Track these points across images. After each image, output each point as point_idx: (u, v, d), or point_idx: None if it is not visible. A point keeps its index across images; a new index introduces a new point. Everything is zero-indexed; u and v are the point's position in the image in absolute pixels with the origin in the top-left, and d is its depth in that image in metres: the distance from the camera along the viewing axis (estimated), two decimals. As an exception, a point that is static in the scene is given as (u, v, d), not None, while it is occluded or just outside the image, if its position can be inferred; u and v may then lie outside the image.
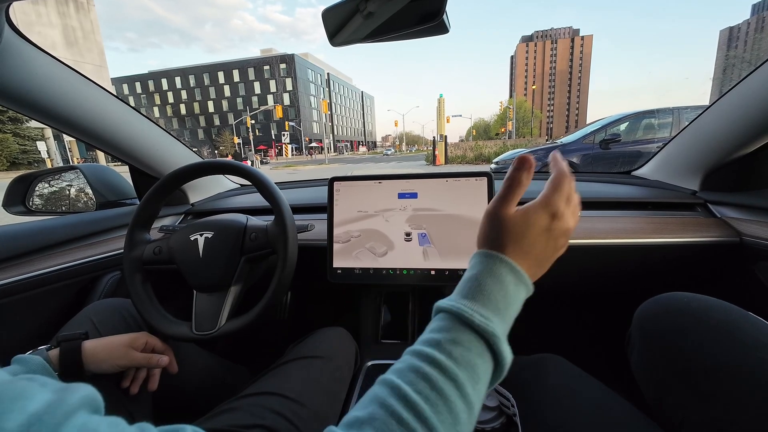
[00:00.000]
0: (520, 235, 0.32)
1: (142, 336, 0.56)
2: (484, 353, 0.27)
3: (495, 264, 0.31)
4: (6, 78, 0.57)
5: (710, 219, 0.77)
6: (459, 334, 0.27)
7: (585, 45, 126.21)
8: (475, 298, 0.29)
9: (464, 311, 0.27)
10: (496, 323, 0.28)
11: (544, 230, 0.32)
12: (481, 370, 0.26)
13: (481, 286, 0.29)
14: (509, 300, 0.30)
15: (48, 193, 1.00)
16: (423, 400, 0.23)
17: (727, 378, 0.37)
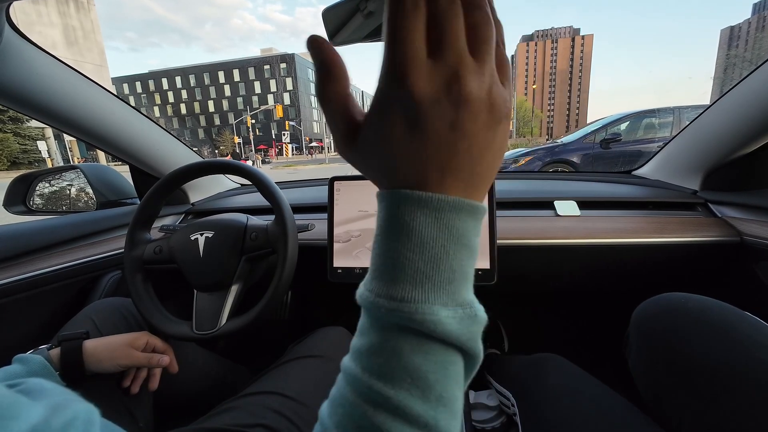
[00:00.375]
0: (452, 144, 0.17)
1: (142, 335, 0.56)
2: (421, 344, 0.17)
3: (398, 207, 0.18)
4: (6, 78, 0.57)
5: (711, 218, 0.77)
6: (376, 335, 0.18)
7: (585, 44, 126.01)
8: (381, 274, 0.18)
9: (369, 299, 0.18)
10: (433, 299, 0.17)
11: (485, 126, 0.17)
12: (428, 371, 0.17)
13: (384, 254, 0.18)
14: (436, 252, 0.17)
15: (48, 193, 1.00)
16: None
17: (723, 377, 0.37)
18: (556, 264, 0.84)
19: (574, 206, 0.83)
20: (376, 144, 0.18)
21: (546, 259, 0.82)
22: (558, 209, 0.83)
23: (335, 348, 0.68)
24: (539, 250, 0.77)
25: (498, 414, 0.76)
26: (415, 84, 0.16)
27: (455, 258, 0.18)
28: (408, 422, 0.16)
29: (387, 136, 0.17)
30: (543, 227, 0.78)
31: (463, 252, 0.18)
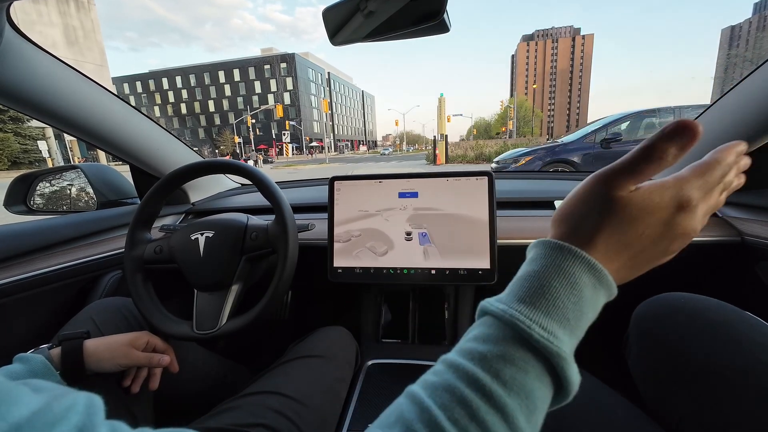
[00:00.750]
0: (626, 223, 0.23)
1: (143, 335, 0.56)
2: (543, 376, 0.21)
3: (567, 260, 0.22)
4: (7, 77, 0.57)
5: (711, 218, 0.77)
6: (511, 349, 0.21)
7: (586, 44, 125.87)
8: (536, 303, 0.21)
9: (519, 321, 0.21)
10: (563, 339, 0.21)
11: (663, 222, 0.23)
12: (538, 398, 0.20)
13: (544, 288, 0.22)
14: (583, 308, 0.22)
15: (49, 193, 1.00)
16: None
17: (723, 378, 0.37)
18: None
19: None
20: (625, 212, 0.23)
21: None
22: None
23: (335, 348, 0.68)
24: None
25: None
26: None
27: (587, 321, 0.23)
28: (511, 430, 0.19)
29: (637, 219, 0.24)
30: (543, 227, 0.78)
31: (589, 319, 0.23)
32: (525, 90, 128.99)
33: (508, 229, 0.77)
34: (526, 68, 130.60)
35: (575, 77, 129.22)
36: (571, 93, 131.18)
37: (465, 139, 77.46)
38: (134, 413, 0.56)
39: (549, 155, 4.99)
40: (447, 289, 0.85)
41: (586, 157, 4.71)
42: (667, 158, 0.23)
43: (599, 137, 4.66)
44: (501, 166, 5.42)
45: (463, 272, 0.69)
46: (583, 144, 4.80)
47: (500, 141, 20.39)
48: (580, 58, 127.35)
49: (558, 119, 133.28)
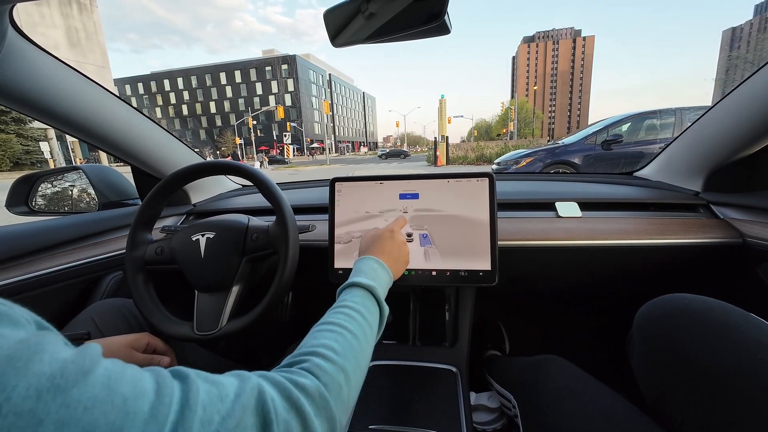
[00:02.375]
0: (378, 244, 0.57)
1: (143, 337, 0.56)
2: (372, 299, 0.47)
3: (371, 261, 0.53)
4: (9, 79, 0.57)
5: (713, 220, 0.76)
6: (356, 292, 0.46)
7: (587, 46, 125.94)
8: (368, 277, 0.50)
9: (359, 282, 0.48)
10: (375, 286, 0.48)
11: (389, 239, 0.58)
12: (372, 307, 0.46)
13: (365, 272, 0.51)
14: (380, 275, 0.51)
15: (51, 194, 1.00)
16: (345, 319, 0.41)
17: (726, 379, 0.37)
18: (557, 265, 0.83)
19: (576, 207, 0.83)
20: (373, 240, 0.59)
21: (547, 261, 0.82)
22: (559, 210, 0.82)
23: None
24: (540, 252, 0.77)
25: (499, 416, 0.76)
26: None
27: (383, 280, 0.53)
28: (365, 320, 0.44)
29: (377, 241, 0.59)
30: (544, 228, 0.78)
31: (384, 278, 0.53)
32: (526, 91, 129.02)
33: (509, 231, 0.77)
34: (526, 70, 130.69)
35: (576, 79, 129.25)
36: (572, 94, 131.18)
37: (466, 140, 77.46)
38: None
39: (550, 157, 4.97)
40: (448, 291, 0.85)
41: (586, 159, 4.69)
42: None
43: (600, 139, 4.63)
44: (502, 167, 5.41)
45: (464, 273, 0.69)
46: (583, 145, 4.78)
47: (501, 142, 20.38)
48: (581, 60, 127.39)
49: (559, 121, 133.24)
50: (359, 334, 0.39)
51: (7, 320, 0.20)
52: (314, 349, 0.34)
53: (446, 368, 0.74)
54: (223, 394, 0.24)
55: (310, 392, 0.29)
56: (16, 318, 0.21)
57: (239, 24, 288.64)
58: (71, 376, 0.18)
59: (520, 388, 0.64)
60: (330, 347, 0.35)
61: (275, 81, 55.14)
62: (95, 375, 0.19)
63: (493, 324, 1.11)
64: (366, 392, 0.68)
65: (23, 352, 0.18)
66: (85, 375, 0.19)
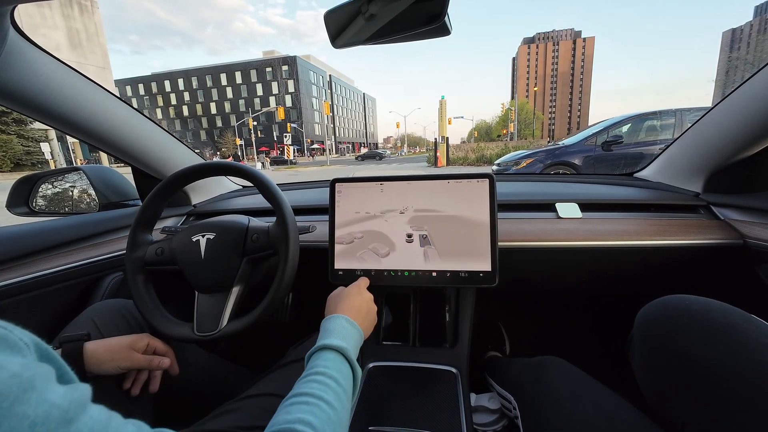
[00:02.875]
0: (346, 302, 0.56)
1: (143, 337, 0.56)
2: (344, 362, 0.45)
3: (340, 319, 0.52)
4: (10, 80, 0.57)
5: (713, 221, 0.76)
6: (328, 356, 0.45)
7: (587, 47, 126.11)
8: (339, 337, 0.48)
9: (330, 345, 0.46)
10: (346, 347, 0.46)
11: (357, 295, 0.58)
12: (345, 370, 0.44)
13: (335, 332, 0.50)
14: (351, 334, 0.50)
15: (51, 194, 1.01)
16: (320, 389, 0.38)
17: (727, 380, 0.37)
18: (557, 266, 0.83)
19: (576, 208, 0.83)
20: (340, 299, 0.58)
21: (547, 262, 0.81)
22: (559, 211, 0.82)
23: None
24: (540, 253, 0.77)
25: (499, 417, 0.75)
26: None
27: (354, 338, 0.51)
28: (340, 386, 0.42)
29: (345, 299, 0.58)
30: (544, 229, 0.78)
31: (354, 337, 0.52)
32: (526, 92, 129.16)
33: (509, 232, 0.77)
34: (527, 71, 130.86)
35: (576, 80, 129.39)
36: (572, 95, 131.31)
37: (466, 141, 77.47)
38: (134, 415, 0.56)
39: (550, 158, 4.97)
40: (448, 292, 0.84)
41: (587, 160, 4.69)
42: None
43: (600, 140, 4.63)
44: (502, 168, 5.41)
45: (464, 274, 0.69)
46: (584, 146, 4.78)
47: (501, 143, 20.39)
48: (581, 61, 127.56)
49: (559, 121, 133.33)
50: (336, 403, 0.37)
51: (4, 345, 0.20)
52: (291, 427, 0.32)
53: (446, 369, 0.74)
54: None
55: None
56: (14, 342, 0.21)
57: (240, 25, 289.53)
58: (53, 424, 0.18)
59: (521, 389, 0.64)
60: (307, 422, 0.33)
61: (276, 82, 55.23)
62: (78, 425, 0.19)
63: (494, 325, 1.11)
64: (366, 393, 0.68)
65: (12, 389, 0.18)
66: (68, 424, 0.19)
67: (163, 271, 0.65)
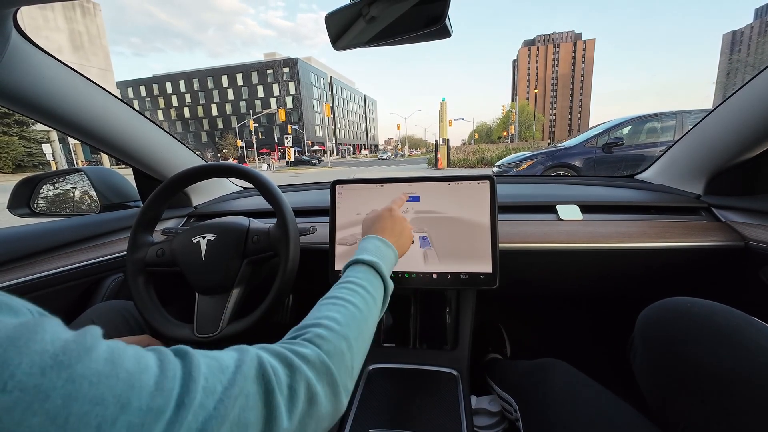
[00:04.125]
0: (379, 224, 0.57)
1: (144, 339, 0.56)
2: (376, 275, 0.47)
3: (376, 240, 0.53)
4: (13, 82, 0.57)
5: (714, 223, 0.76)
6: (360, 268, 0.47)
7: (587, 49, 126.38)
8: (373, 255, 0.49)
9: (362, 259, 0.47)
10: (380, 263, 0.47)
11: (389, 218, 0.58)
12: (375, 282, 0.46)
13: (368, 249, 0.50)
14: (385, 253, 0.51)
15: (52, 196, 1.01)
16: (348, 293, 0.41)
17: (729, 384, 0.36)
18: (558, 268, 0.83)
19: (577, 210, 0.83)
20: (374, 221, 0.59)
21: (548, 264, 0.81)
22: (560, 213, 0.82)
23: None
24: (541, 254, 0.77)
25: (500, 420, 0.75)
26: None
27: (389, 258, 0.52)
28: (368, 292, 0.43)
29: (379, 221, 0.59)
30: (545, 231, 0.78)
31: (390, 256, 0.52)
32: (526, 94, 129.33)
33: (509, 233, 0.77)
34: (527, 73, 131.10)
35: (577, 82, 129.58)
36: (573, 97, 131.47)
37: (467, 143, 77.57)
38: None
39: (550, 159, 4.98)
40: (448, 293, 0.84)
41: (587, 162, 4.69)
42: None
43: (601, 141, 4.63)
44: (503, 170, 5.42)
45: (465, 276, 0.69)
46: (584, 148, 4.78)
47: (502, 145, 20.40)
48: (582, 63, 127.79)
49: (560, 123, 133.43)
50: (362, 306, 0.40)
51: (6, 309, 0.21)
52: (316, 321, 0.35)
53: (447, 371, 0.74)
54: (224, 366, 0.25)
55: (311, 360, 0.30)
56: (16, 307, 0.22)
57: (240, 28, 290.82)
58: (74, 352, 0.18)
59: (522, 391, 0.64)
60: (332, 318, 0.36)
61: (277, 84, 55.38)
62: (98, 351, 0.20)
63: (494, 327, 1.10)
64: (366, 395, 0.67)
65: (23, 332, 0.18)
66: (88, 351, 0.19)
67: (163, 272, 0.65)
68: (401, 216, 0.60)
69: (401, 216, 0.60)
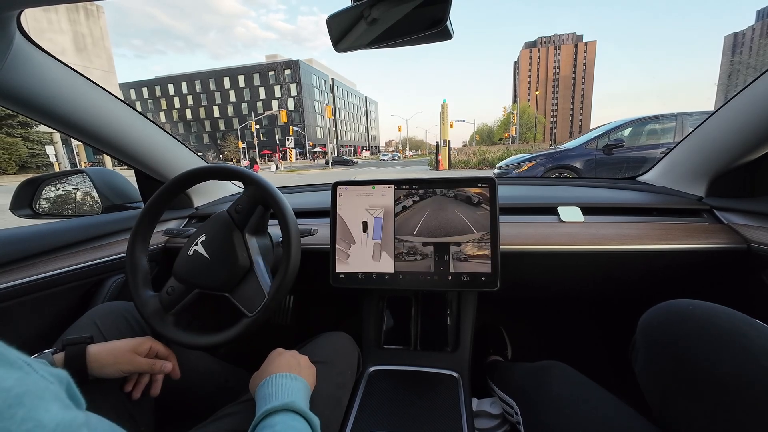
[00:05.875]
0: (272, 365, 0.52)
1: (146, 341, 0.56)
2: (295, 417, 0.41)
3: (274, 378, 0.48)
4: (17, 83, 0.58)
5: (717, 225, 0.76)
6: (274, 421, 0.40)
7: (588, 51, 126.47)
8: (278, 399, 0.44)
9: (270, 408, 0.42)
10: (290, 399, 0.43)
11: (277, 356, 0.55)
12: (301, 427, 0.40)
13: (272, 394, 0.45)
14: (290, 387, 0.47)
15: (55, 197, 1.01)
16: None
17: (732, 387, 0.36)
18: (559, 270, 0.83)
19: (578, 212, 0.82)
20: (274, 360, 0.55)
21: (549, 265, 0.81)
22: (561, 215, 0.82)
23: (337, 353, 0.67)
24: (542, 256, 0.77)
25: (501, 422, 0.75)
26: None
27: (300, 393, 0.47)
28: None
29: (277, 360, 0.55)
30: (546, 233, 0.78)
31: (301, 391, 0.48)
32: (528, 96, 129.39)
33: (511, 235, 0.77)
34: (528, 75, 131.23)
35: (578, 83, 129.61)
36: (574, 99, 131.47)
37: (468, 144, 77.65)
38: (135, 418, 0.56)
39: (551, 161, 4.99)
40: (449, 295, 0.84)
41: (588, 163, 4.71)
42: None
43: (601, 143, 4.65)
44: (503, 171, 5.44)
45: (466, 278, 0.69)
46: (584, 150, 4.80)
47: (503, 147, 20.40)
48: (583, 65, 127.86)
49: (561, 125, 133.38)
50: None
51: (3, 361, 0.20)
52: None
53: (448, 373, 0.73)
54: None
55: None
56: (12, 359, 0.21)
57: (242, 30, 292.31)
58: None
59: (523, 394, 0.63)
60: None
61: (278, 85, 55.57)
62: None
63: (495, 329, 1.10)
64: (366, 397, 0.67)
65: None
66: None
67: (187, 304, 0.62)
68: (292, 351, 0.58)
69: (292, 351, 0.58)
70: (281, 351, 0.57)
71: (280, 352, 0.56)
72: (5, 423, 0.17)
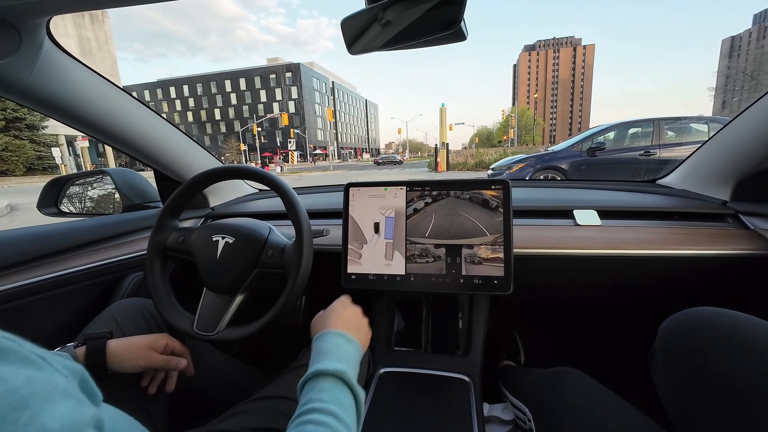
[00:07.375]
0: (334, 317, 0.52)
1: (162, 338, 0.57)
2: (343, 387, 0.40)
3: (331, 335, 0.47)
4: (45, 87, 0.59)
5: (742, 230, 0.73)
6: (323, 385, 0.40)
7: (587, 54, 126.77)
8: (331, 358, 0.43)
9: (324, 370, 0.41)
10: (343, 367, 0.41)
11: (342, 309, 0.55)
12: (346, 401, 0.39)
13: (328, 352, 0.45)
14: (348, 352, 0.46)
15: (78, 196, 1.03)
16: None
17: (757, 400, 0.35)
18: (574, 275, 0.81)
19: (595, 215, 0.80)
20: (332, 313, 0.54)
21: (564, 270, 0.80)
22: (577, 218, 0.80)
23: None
24: (557, 260, 0.75)
25: (513, 428, 0.72)
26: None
27: (353, 356, 0.47)
28: (338, 420, 0.36)
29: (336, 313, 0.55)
30: (561, 236, 0.76)
31: (353, 354, 0.47)
32: (527, 99, 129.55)
33: (524, 238, 0.76)
34: (528, 77, 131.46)
35: (577, 86, 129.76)
36: (573, 102, 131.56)
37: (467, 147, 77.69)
38: (150, 413, 0.56)
39: (540, 162, 5.19)
40: (461, 298, 0.83)
41: (573, 164, 4.90)
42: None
43: (585, 146, 4.86)
44: (497, 172, 5.64)
45: (478, 281, 0.68)
46: (570, 152, 4.99)
47: (501, 149, 20.41)
48: (582, 68, 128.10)
49: (560, 128, 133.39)
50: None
51: (15, 357, 0.20)
52: None
53: (459, 377, 0.72)
54: None
55: None
56: (23, 354, 0.20)
57: (242, 33, 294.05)
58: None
59: (536, 400, 0.62)
60: None
61: (279, 88, 55.70)
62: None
63: (508, 333, 1.08)
64: (376, 399, 0.67)
65: (2, 406, 0.17)
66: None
67: (179, 258, 0.67)
68: (357, 308, 0.57)
69: (357, 308, 0.57)
70: (347, 303, 0.56)
71: (346, 304, 0.56)
72: (9, 428, 0.17)
